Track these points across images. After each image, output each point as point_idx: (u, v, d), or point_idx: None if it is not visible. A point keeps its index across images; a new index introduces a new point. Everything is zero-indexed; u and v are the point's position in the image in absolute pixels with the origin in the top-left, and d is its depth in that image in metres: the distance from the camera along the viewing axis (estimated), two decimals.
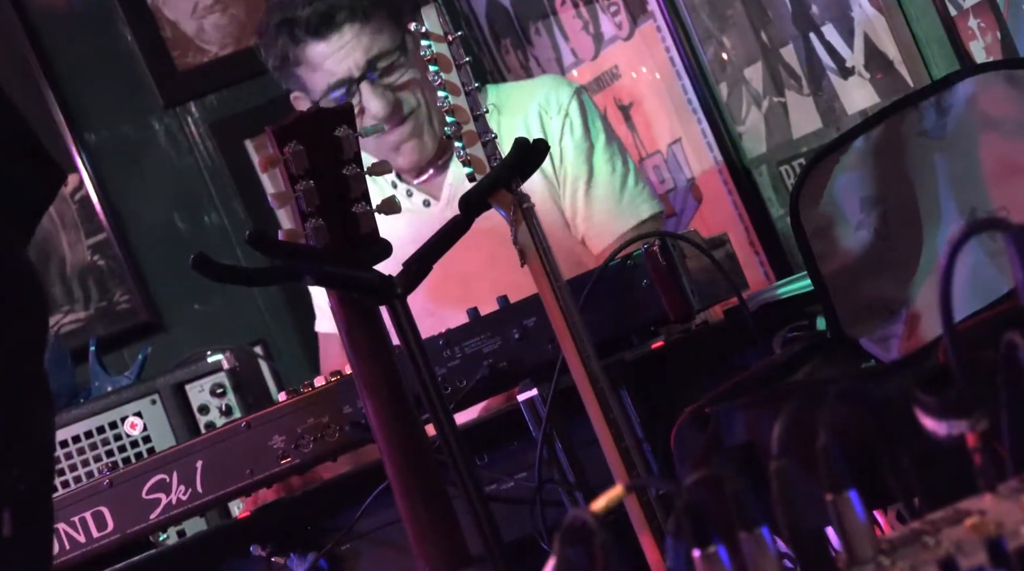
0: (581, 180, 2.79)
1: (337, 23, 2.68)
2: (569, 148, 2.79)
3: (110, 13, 4.04)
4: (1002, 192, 1.87)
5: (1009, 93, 1.91)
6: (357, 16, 2.69)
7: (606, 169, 2.79)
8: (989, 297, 1.79)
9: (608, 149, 2.81)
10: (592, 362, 1.86)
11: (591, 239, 2.80)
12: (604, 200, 2.79)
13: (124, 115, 4.05)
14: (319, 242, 1.80)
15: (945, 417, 0.94)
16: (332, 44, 2.69)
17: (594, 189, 2.79)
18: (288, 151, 1.78)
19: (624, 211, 2.78)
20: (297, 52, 2.72)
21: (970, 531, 0.89)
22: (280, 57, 2.75)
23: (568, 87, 2.86)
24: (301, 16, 2.69)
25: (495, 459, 2.23)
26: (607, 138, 2.82)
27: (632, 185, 2.80)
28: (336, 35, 2.69)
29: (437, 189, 2.85)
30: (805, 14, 2.91)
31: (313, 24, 2.68)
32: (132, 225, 4.03)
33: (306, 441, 2.20)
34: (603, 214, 2.78)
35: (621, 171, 2.80)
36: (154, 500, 2.22)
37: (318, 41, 2.70)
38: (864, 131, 1.95)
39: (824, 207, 1.95)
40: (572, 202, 2.79)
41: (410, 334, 1.80)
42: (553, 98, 2.81)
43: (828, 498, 0.93)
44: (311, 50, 2.71)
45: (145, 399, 2.95)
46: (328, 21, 2.68)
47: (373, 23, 2.70)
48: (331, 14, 2.68)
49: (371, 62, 2.71)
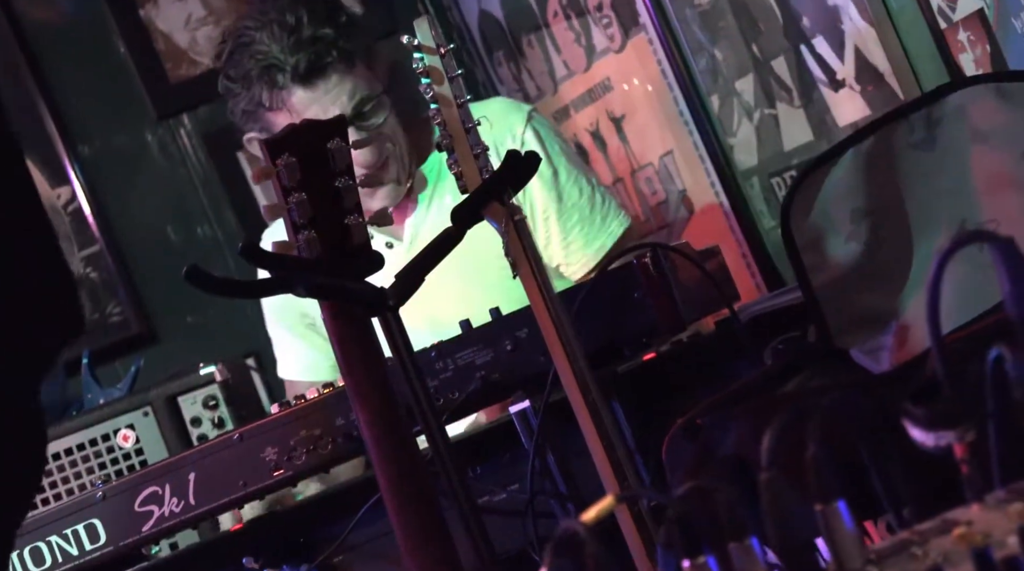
0: (551, 208, 2.73)
1: (324, 69, 2.58)
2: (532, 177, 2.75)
3: (103, 25, 4.05)
4: (992, 204, 1.88)
5: (998, 106, 1.92)
6: (343, 62, 2.59)
7: (574, 192, 2.75)
8: (978, 309, 1.80)
9: (571, 171, 2.75)
10: (584, 373, 1.87)
11: (571, 265, 2.75)
12: (579, 224, 2.74)
13: (117, 127, 4.06)
14: (311, 254, 1.80)
15: (932, 428, 0.94)
16: (318, 91, 2.59)
17: (565, 214, 2.74)
18: (280, 163, 1.79)
19: (600, 231, 2.74)
20: (278, 98, 2.61)
21: (958, 541, 0.90)
22: (255, 102, 2.63)
23: (519, 112, 2.78)
24: (287, 63, 2.57)
25: (488, 470, 2.23)
26: (568, 159, 2.77)
27: (601, 203, 2.76)
28: (323, 82, 2.59)
29: (399, 230, 2.77)
30: (796, 26, 2.92)
31: (301, 71, 2.57)
32: (125, 237, 4.03)
33: (299, 453, 2.20)
34: (579, 239, 2.75)
35: (588, 191, 2.76)
36: (147, 512, 2.22)
37: (304, 88, 2.59)
38: (854, 143, 1.96)
39: (815, 219, 1.96)
40: (545, 231, 2.74)
41: (402, 346, 1.80)
42: (506, 127, 2.73)
43: (817, 508, 0.94)
44: (295, 97, 2.60)
45: (138, 411, 2.95)
46: (315, 67, 2.58)
47: (358, 68, 2.62)
48: (320, 61, 2.58)
49: (356, 107, 2.62)
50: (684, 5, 3.23)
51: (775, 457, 0.92)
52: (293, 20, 2.59)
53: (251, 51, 2.61)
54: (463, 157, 1.91)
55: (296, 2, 2.62)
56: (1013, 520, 0.90)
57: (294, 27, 2.59)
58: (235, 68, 2.64)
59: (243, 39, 2.63)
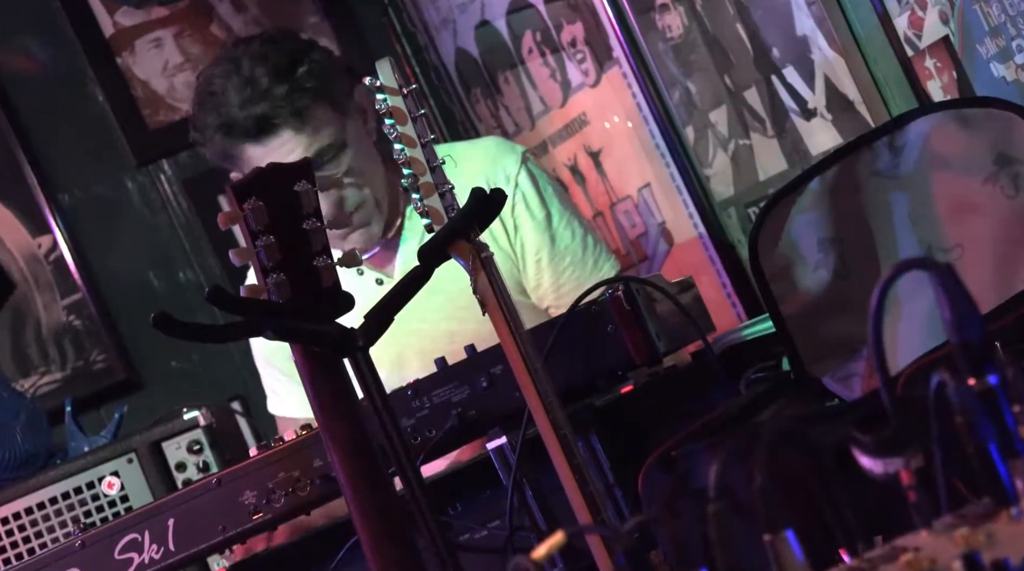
0: (544, 250, 2.74)
1: (275, 127, 2.59)
2: (525, 219, 2.74)
3: (81, 73, 4.06)
4: (957, 229, 1.89)
5: (959, 132, 1.93)
6: (295, 118, 2.59)
7: (567, 235, 2.76)
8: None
9: (564, 213, 2.76)
10: (555, 409, 1.87)
11: (561, 308, 2.73)
12: (572, 267, 2.75)
13: (97, 174, 4.07)
14: (281, 296, 1.80)
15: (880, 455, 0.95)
16: (270, 146, 2.60)
17: (558, 257, 2.75)
18: (248, 207, 1.79)
19: (591, 274, 2.74)
20: (235, 151, 2.63)
21: (905, 567, 0.90)
22: (220, 154, 2.66)
23: (513, 153, 2.79)
24: (238, 118, 2.59)
25: (468, 508, 2.23)
26: (560, 202, 2.78)
27: (592, 245, 2.78)
28: (275, 139, 2.60)
29: (389, 266, 2.78)
30: (766, 58, 2.94)
31: (250, 128, 2.59)
32: (107, 284, 4.04)
33: (277, 496, 2.20)
34: (572, 281, 2.75)
35: (580, 234, 2.77)
36: (126, 560, 2.21)
37: (255, 144, 2.60)
38: (819, 172, 1.97)
39: (783, 249, 1.97)
40: (536, 273, 2.75)
41: (373, 386, 1.80)
42: (500, 169, 2.74)
43: (766, 538, 0.94)
44: (249, 151, 2.61)
45: (122, 458, 2.94)
46: (265, 125, 2.58)
47: (312, 122, 2.61)
48: (268, 118, 2.58)
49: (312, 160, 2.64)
50: (657, 39, 3.25)
51: (722, 489, 0.92)
52: (249, 72, 2.60)
53: (212, 103, 2.63)
54: (429, 196, 1.91)
55: (263, 50, 2.63)
56: (959, 546, 0.90)
57: (250, 80, 2.59)
58: (198, 120, 2.67)
59: (210, 87, 2.65)
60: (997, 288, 1.88)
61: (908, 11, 2.54)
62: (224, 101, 2.61)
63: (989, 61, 2.42)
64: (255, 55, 2.62)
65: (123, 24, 4.09)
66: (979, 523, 0.93)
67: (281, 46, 2.65)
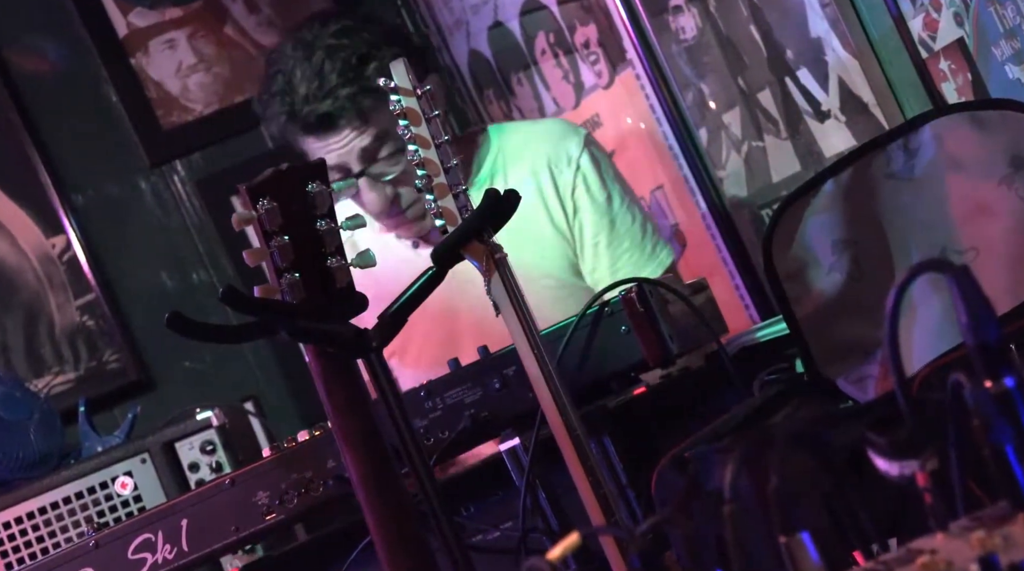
0: (603, 233, 2.76)
1: (337, 125, 2.62)
2: (585, 202, 2.76)
3: (94, 74, 4.07)
4: (971, 232, 1.89)
5: (974, 134, 1.93)
6: (358, 118, 2.62)
7: (627, 219, 2.78)
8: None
9: (625, 198, 2.79)
10: (568, 411, 1.87)
11: None
12: (630, 251, 2.77)
13: (110, 175, 4.07)
14: (295, 297, 1.80)
15: (895, 458, 0.95)
16: (329, 141, 2.64)
17: (617, 241, 2.77)
18: (261, 208, 1.79)
19: (649, 260, 2.77)
20: (294, 138, 2.68)
21: (921, 570, 0.90)
22: (279, 136, 2.72)
23: (576, 136, 2.81)
24: (301, 111, 2.62)
25: (481, 509, 2.24)
26: (622, 187, 2.81)
27: (651, 232, 2.80)
28: (335, 135, 2.64)
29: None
30: (780, 59, 2.93)
31: (311, 123, 2.62)
32: (120, 285, 4.04)
33: (290, 496, 2.20)
34: (629, 265, 2.77)
35: (640, 219, 2.79)
36: (140, 560, 2.21)
37: (315, 137, 2.65)
38: (833, 174, 1.97)
39: (796, 251, 1.97)
40: (594, 256, 2.77)
41: (387, 387, 1.81)
42: (563, 150, 2.77)
43: (781, 540, 0.94)
44: (308, 143, 2.66)
45: (135, 458, 2.95)
46: (327, 123, 2.62)
47: (374, 122, 2.63)
48: (331, 117, 2.61)
49: (367, 159, 2.66)
50: (670, 40, 3.25)
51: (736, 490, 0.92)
52: (319, 66, 2.61)
53: (278, 86, 2.65)
54: (443, 197, 1.91)
55: (337, 43, 2.63)
56: (976, 548, 0.90)
57: (318, 73, 2.61)
58: (262, 98, 2.70)
59: (279, 67, 2.66)
60: (1012, 290, 1.88)
61: (923, 13, 2.53)
62: (290, 90, 2.64)
63: (1004, 63, 2.42)
64: (328, 47, 2.63)
65: (137, 25, 4.10)
66: (996, 526, 0.93)
67: (356, 38, 2.65)
